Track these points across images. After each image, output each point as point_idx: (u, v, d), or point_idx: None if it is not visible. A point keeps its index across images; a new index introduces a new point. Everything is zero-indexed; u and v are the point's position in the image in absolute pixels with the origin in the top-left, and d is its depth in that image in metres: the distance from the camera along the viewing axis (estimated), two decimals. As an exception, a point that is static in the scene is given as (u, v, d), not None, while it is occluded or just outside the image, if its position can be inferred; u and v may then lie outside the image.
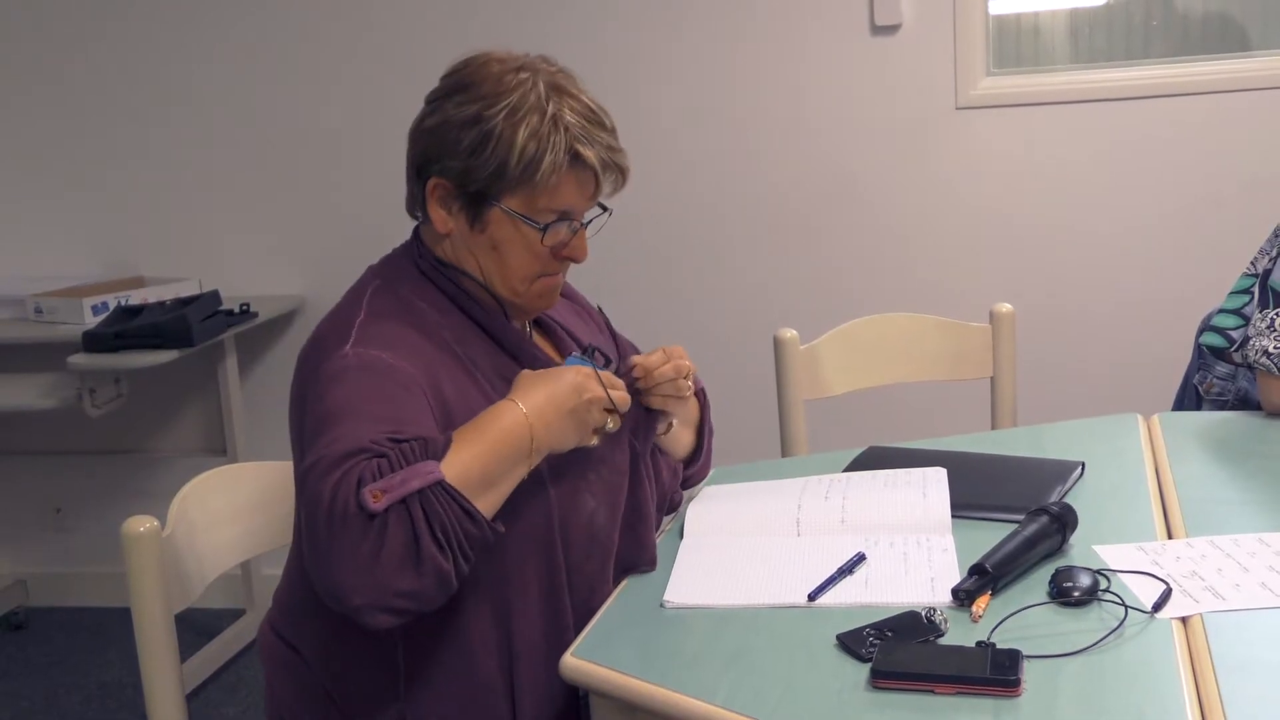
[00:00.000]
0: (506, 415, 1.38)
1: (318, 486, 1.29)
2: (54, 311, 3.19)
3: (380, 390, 1.38)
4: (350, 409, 1.35)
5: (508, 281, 1.52)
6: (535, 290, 1.54)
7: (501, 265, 1.51)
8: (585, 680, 1.31)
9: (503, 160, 1.45)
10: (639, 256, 3.29)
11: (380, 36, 3.30)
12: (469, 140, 1.45)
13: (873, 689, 1.20)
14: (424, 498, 1.28)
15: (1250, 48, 3.05)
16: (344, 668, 1.47)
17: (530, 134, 1.44)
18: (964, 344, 2.39)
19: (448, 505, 1.29)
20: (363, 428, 1.33)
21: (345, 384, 1.38)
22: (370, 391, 1.37)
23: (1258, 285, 2.06)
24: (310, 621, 1.49)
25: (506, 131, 1.44)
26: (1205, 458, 1.81)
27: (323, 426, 1.35)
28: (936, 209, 3.15)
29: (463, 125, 1.46)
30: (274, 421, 3.53)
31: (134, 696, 3.11)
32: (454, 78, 1.52)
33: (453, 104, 1.48)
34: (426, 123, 1.50)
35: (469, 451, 1.34)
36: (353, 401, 1.36)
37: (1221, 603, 1.32)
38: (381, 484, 1.27)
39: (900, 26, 3.07)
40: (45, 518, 3.71)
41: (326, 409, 1.37)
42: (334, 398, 1.37)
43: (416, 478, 1.28)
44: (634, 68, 3.19)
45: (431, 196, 1.51)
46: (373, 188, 3.37)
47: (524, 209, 1.48)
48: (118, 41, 3.42)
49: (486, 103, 1.46)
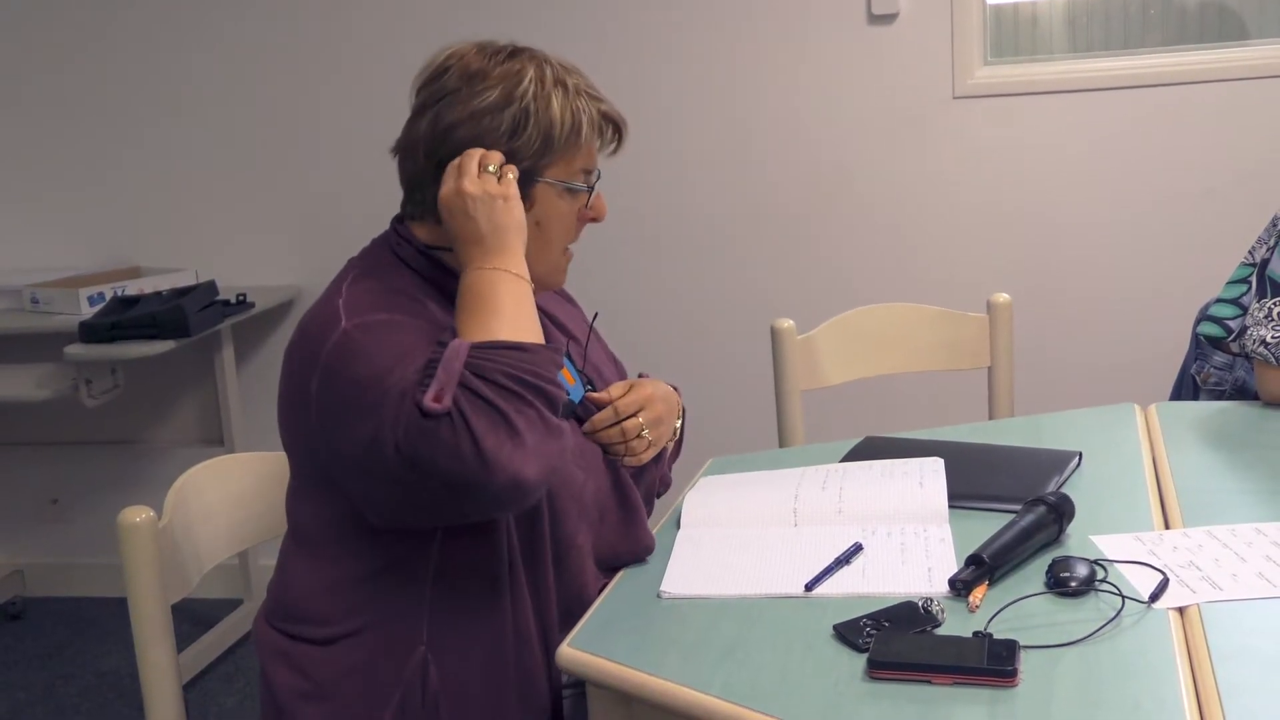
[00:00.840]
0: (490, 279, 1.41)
1: (395, 434, 1.30)
2: (50, 302, 3.18)
3: (395, 341, 1.38)
4: (381, 368, 1.35)
5: (549, 256, 1.54)
6: (564, 263, 1.58)
7: (543, 241, 1.53)
8: (582, 670, 1.31)
9: (546, 132, 1.48)
10: (636, 248, 3.28)
11: (377, 29, 3.29)
12: (507, 122, 1.47)
13: (869, 679, 1.20)
14: (471, 369, 1.30)
15: (1248, 37, 3.04)
16: (364, 640, 1.47)
17: (563, 104, 1.49)
18: (961, 334, 2.39)
19: (493, 357, 1.32)
20: (399, 376, 1.34)
21: (360, 352, 1.38)
22: (387, 345, 1.38)
23: (1255, 275, 2.06)
24: (325, 599, 1.48)
25: (542, 105, 1.48)
26: (1202, 447, 1.81)
27: (362, 396, 1.35)
28: (933, 198, 3.15)
29: (494, 110, 1.47)
30: (271, 412, 3.51)
31: (131, 686, 3.11)
32: (444, 78, 1.50)
33: (466, 97, 1.48)
34: (445, 121, 1.48)
35: (477, 327, 1.37)
36: (377, 361, 1.36)
37: (1218, 593, 1.32)
38: (434, 388, 1.29)
39: (897, 15, 3.07)
40: (42, 508, 3.71)
41: (355, 379, 1.36)
42: (356, 368, 1.37)
43: (454, 359, 1.31)
44: (629, 56, 3.19)
45: None
46: (369, 179, 3.36)
47: (565, 176, 1.52)
48: (114, 33, 3.41)
49: (508, 85, 1.47)
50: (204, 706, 3.01)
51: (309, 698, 1.49)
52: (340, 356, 1.39)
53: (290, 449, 1.52)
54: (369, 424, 1.33)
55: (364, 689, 1.47)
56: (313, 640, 1.50)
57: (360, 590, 1.47)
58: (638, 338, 3.23)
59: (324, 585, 1.49)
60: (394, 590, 1.46)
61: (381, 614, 1.47)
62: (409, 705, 1.46)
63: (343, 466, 1.41)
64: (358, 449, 1.35)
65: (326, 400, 1.40)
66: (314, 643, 1.50)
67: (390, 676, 1.46)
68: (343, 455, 1.39)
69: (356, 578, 1.47)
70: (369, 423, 1.33)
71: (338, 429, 1.39)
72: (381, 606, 1.47)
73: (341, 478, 1.43)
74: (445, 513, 1.37)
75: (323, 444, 1.43)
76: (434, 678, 1.46)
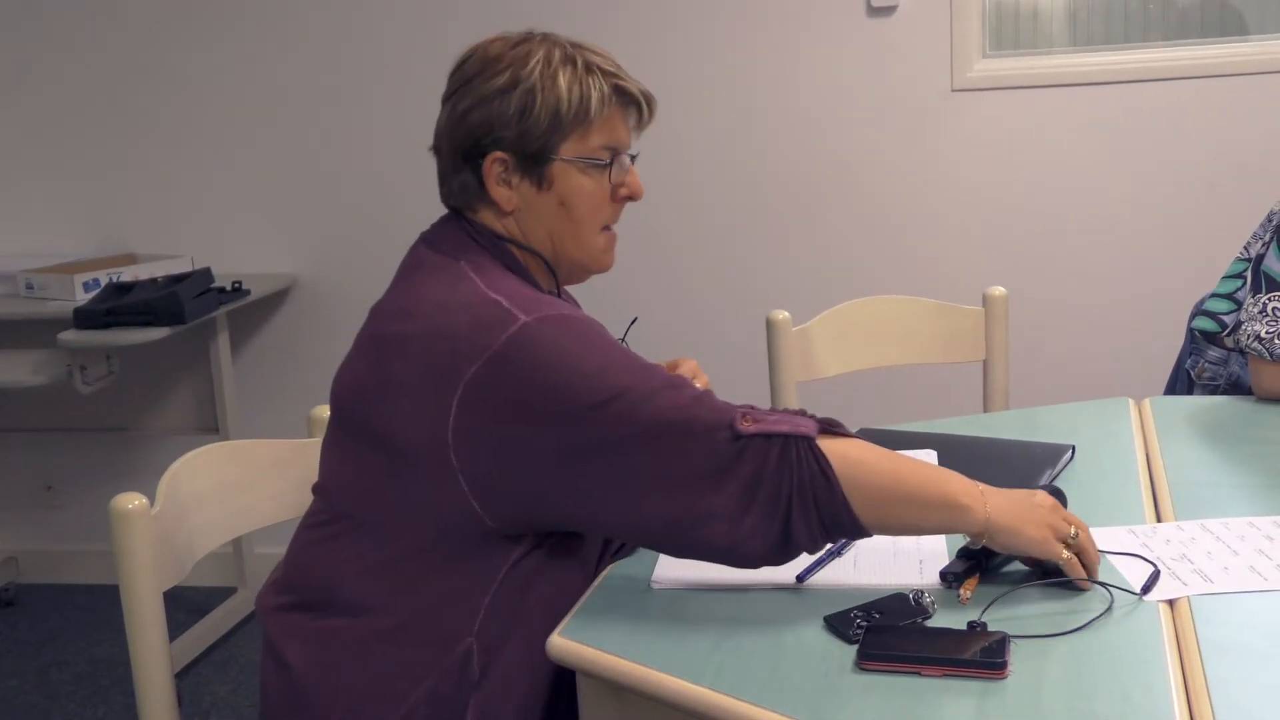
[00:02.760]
0: (958, 485, 1.37)
1: (656, 405, 1.32)
2: (45, 288, 3.18)
3: (595, 336, 1.40)
4: (611, 362, 1.36)
5: (581, 238, 1.54)
6: (603, 244, 1.57)
7: (573, 221, 1.53)
8: (573, 660, 1.31)
9: (554, 110, 1.48)
10: (632, 239, 3.28)
11: (374, 18, 3.28)
12: (515, 104, 1.48)
13: (860, 670, 1.20)
14: (792, 444, 1.32)
15: (1247, 32, 3.04)
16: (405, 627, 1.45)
17: (570, 81, 1.49)
18: (957, 327, 2.39)
19: (807, 461, 1.32)
20: (630, 363, 1.36)
21: (559, 344, 1.37)
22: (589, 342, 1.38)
23: (1250, 270, 2.06)
24: (364, 583, 1.45)
25: (548, 84, 1.48)
26: (1196, 442, 1.81)
27: (584, 381, 1.34)
28: (931, 191, 3.14)
29: (502, 94, 1.48)
30: (266, 399, 3.53)
31: (124, 674, 3.11)
32: (465, 66, 1.52)
33: (478, 84, 1.49)
34: (459, 110, 1.50)
35: (876, 454, 1.36)
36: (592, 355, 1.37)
37: (1209, 585, 1.32)
38: (755, 414, 1.33)
39: (896, 8, 3.06)
40: (36, 495, 3.71)
41: (565, 367, 1.35)
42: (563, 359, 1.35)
43: (788, 424, 1.33)
44: (629, 47, 3.18)
45: (489, 176, 1.50)
46: (366, 167, 3.36)
47: (583, 152, 1.51)
48: (110, 20, 3.41)
49: (515, 68, 1.49)
50: (197, 694, 3.01)
51: (332, 675, 1.45)
52: (534, 349, 1.36)
53: (373, 431, 1.45)
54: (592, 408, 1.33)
55: (395, 670, 1.44)
56: (343, 616, 1.46)
57: (417, 578, 1.44)
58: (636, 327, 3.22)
59: (372, 566, 1.45)
60: (456, 583, 1.43)
61: (434, 604, 1.44)
62: (440, 693, 1.43)
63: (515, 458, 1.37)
64: (560, 439, 1.34)
65: (514, 392, 1.36)
66: (344, 619, 1.46)
67: (429, 661, 1.44)
68: (520, 445, 1.36)
69: (417, 565, 1.44)
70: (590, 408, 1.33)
71: (524, 421, 1.35)
72: (437, 597, 1.44)
73: (492, 469, 1.38)
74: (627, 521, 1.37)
75: (477, 435, 1.38)
76: (475, 669, 1.44)
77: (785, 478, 1.32)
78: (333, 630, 1.47)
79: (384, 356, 1.44)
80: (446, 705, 1.44)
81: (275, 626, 1.52)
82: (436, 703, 1.44)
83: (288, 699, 1.49)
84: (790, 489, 1.32)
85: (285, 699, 1.50)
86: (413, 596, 1.45)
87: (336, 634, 1.47)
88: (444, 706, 1.44)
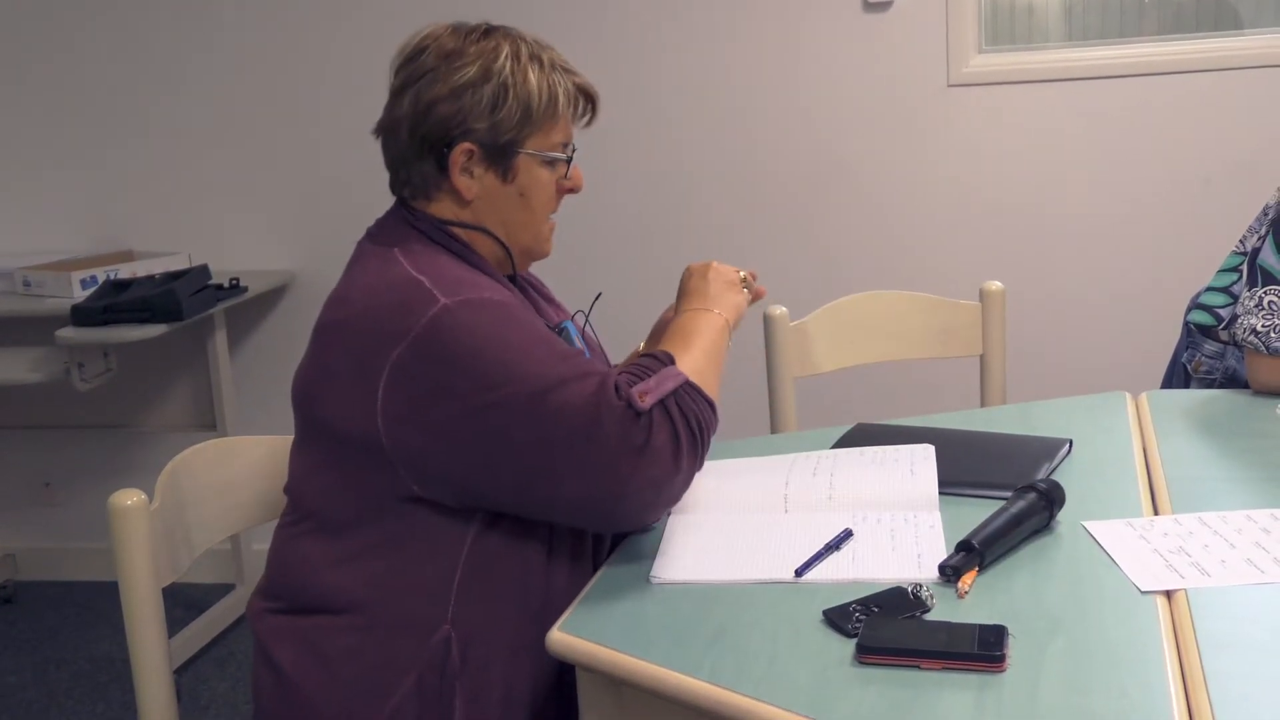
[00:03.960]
0: (704, 319, 1.61)
1: (563, 398, 1.39)
2: (42, 285, 3.17)
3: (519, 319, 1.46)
4: (515, 346, 1.42)
5: (534, 227, 1.60)
6: (546, 232, 1.64)
7: (529, 212, 1.59)
8: (572, 654, 1.31)
9: (525, 105, 1.53)
10: (629, 235, 3.28)
11: (370, 14, 3.28)
12: (487, 96, 1.52)
13: (858, 664, 1.20)
14: (679, 396, 1.45)
15: (1242, 27, 3.05)
16: (382, 618, 1.47)
17: (539, 78, 1.54)
18: (954, 322, 2.39)
19: (698, 402, 1.47)
20: (543, 353, 1.42)
21: (477, 329, 1.41)
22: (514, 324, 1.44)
23: (1246, 264, 2.06)
24: (340, 575, 1.47)
25: (520, 78, 1.53)
26: (1193, 435, 1.81)
27: (500, 369, 1.40)
28: (927, 186, 3.15)
29: (473, 85, 1.52)
30: (263, 396, 3.53)
31: (123, 671, 3.11)
32: (423, 56, 1.54)
33: (444, 73, 1.52)
34: (425, 99, 1.52)
35: (690, 356, 1.53)
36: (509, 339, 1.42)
37: (1207, 579, 1.32)
38: (642, 386, 1.43)
39: (892, 3, 3.06)
40: (34, 492, 3.71)
41: (481, 353, 1.40)
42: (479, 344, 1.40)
43: (671, 379, 1.46)
44: (624, 45, 3.18)
45: (454, 166, 1.53)
46: (363, 164, 3.35)
47: (545, 147, 1.57)
48: (107, 16, 3.40)
49: (485, 60, 1.52)
50: (195, 691, 3.01)
51: (319, 673, 1.47)
52: (452, 332, 1.40)
53: (318, 422, 1.50)
54: (506, 396, 1.39)
55: (381, 665, 1.46)
56: (323, 614, 1.49)
57: (384, 568, 1.46)
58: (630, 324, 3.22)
59: (339, 561, 1.47)
60: (422, 569, 1.46)
61: (405, 593, 1.46)
62: (425, 684, 1.45)
63: (437, 441, 1.41)
64: (477, 423, 1.39)
65: (432, 375, 1.40)
66: (325, 616, 1.48)
67: (410, 653, 1.45)
68: (441, 428, 1.40)
69: (378, 553, 1.46)
70: (506, 395, 1.39)
71: (443, 404, 1.40)
72: (406, 585, 1.46)
73: (419, 452, 1.42)
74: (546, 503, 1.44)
75: (398, 418, 1.41)
76: (455, 657, 1.46)
77: (690, 423, 1.45)
78: (316, 629, 1.49)
79: (321, 346, 1.50)
80: (433, 695, 1.45)
81: (263, 629, 1.54)
82: (423, 694, 1.45)
83: (279, 700, 1.51)
84: (695, 428, 1.46)
85: (277, 700, 1.51)
86: (382, 589, 1.47)
87: (320, 633, 1.48)
88: (431, 697, 1.45)
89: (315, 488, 1.51)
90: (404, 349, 1.41)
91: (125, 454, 3.61)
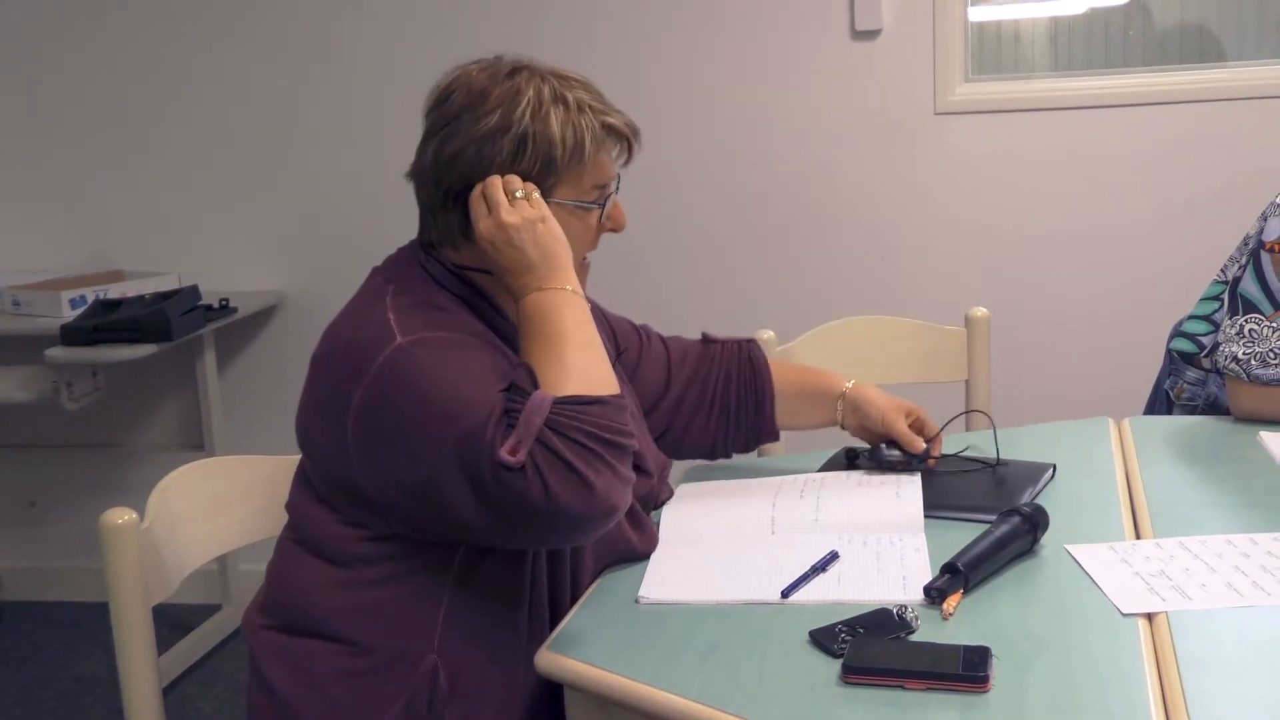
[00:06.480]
0: (552, 302, 1.43)
1: (472, 467, 1.33)
2: (31, 304, 3.18)
3: (457, 357, 1.41)
4: (448, 387, 1.37)
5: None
6: (583, 273, 1.60)
7: None
8: (560, 674, 1.32)
9: (546, 155, 1.48)
10: (619, 257, 3.29)
11: (363, 34, 3.30)
12: (507, 148, 1.47)
13: (844, 684, 1.22)
14: (553, 424, 1.32)
15: (1225, 58, 3.08)
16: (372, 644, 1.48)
17: (562, 122, 1.49)
18: (939, 347, 2.41)
19: (577, 415, 1.34)
20: (470, 391, 1.36)
21: (422, 370, 1.39)
22: (450, 362, 1.40)
23: (1227, 292, 2.09)
24: (332, 600, 1.48)
25: (539, 128, 1.48)
26: (1175, 461, 1.83)
27: (428, 414, 1.36)
28: (914, 213, 3.17)
29: (492, 137, 1.47)
30: (252, 417, 3.53)
31: (109, 691, 3.10)
32: (449, 102, 1.51)
33: (467, 123, 1.48)
34: (447, 150, 1.49)
35: (549, 358, 1.39)
36: (442, 379, 1.38)
37: (1188, 602, 1.34)
38: (514, 439, 1.32)
39: (880, 32, 3.09)
40: (20, 511, 3.70)
41: (419, 396, 1.37)
42: (418, 386, 1.38)
43: (536, 413, 1.33)
44: (616, 70, 3.20)
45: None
46: (353, 185, 3.37)
47: (575, 195, 1.52)
48: (98, 36, 3.41)
49: (505, 109, 1.48)
50: (182, 711, 3.00)
51: (311, 695, 1.48)
52: (397, 373, 1.39)
53: (311, 455, 1.52)
54: (435, 446, 1.35)
55: (369, 690, 1.46)
56: (316, 639, 1.49)
57: (371, 596, 1.47)
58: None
59: (331, 587, 1.49)
60: (408, 599, 1.47)
61: (392, 620, 1.47)
62: (415, 707, 1.46)
63: (386, 482, 1.41)
64: (419, 468, 1.37)
65: (379, 416, 1.40)
66: (317, 641, 1.49)
67: (398, 680, 1.46)
68: (392, 471, 1.40)
69: (368, 584, 1.47)
70: (435, 445, 1.35)
71: (392, 447, 1.39)
72: (393, 613, 1.47)
73: (379, 492, 1.43)
74: (488, 538, 1.41)
75: (363, 457, 1.42)
76: (443, 685, 1.46)
77: (578, 442, 1.33)
78: (309, 651, 1.49)
79: (309, 378, 1.52)
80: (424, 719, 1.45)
81: (258, 646, 1.55)
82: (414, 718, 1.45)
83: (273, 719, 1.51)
84: (590, 442, 1.33)
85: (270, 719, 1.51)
86: (371, 618, 1.48)
87: (313, 654, 1.49)
88: None
89: (312, 516, 1.53)
90: (364, 388, 1.41)
91: (113, 473, 3.61)
